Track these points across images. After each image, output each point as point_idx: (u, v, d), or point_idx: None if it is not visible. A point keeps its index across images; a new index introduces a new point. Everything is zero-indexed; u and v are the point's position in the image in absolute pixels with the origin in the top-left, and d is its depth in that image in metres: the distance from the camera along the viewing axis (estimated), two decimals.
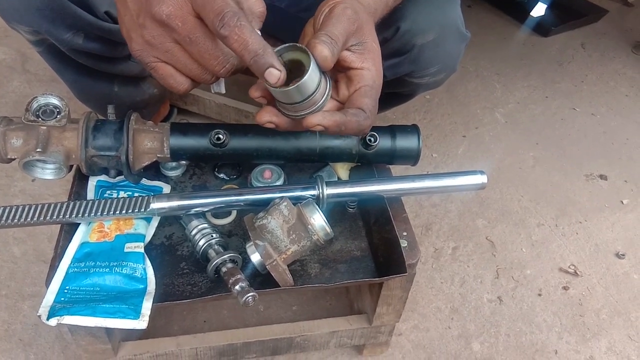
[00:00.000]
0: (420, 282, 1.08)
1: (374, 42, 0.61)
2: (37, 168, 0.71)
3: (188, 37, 0.52)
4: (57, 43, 0.81)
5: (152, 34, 0.53)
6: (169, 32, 0.53)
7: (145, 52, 0.55)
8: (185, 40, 0.53)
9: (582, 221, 1.24)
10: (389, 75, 0.89)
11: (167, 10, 0.51)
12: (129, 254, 0.70)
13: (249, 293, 0.63)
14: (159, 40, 0.53)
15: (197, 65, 0.55)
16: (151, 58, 0.55)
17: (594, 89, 1.66)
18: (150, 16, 0.52)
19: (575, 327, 1.04)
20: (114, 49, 0.86)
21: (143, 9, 0.52)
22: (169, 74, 0.56)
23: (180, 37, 0.53)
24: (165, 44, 0.53)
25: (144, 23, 0.53)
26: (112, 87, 0.98)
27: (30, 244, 1.07)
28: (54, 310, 0.63)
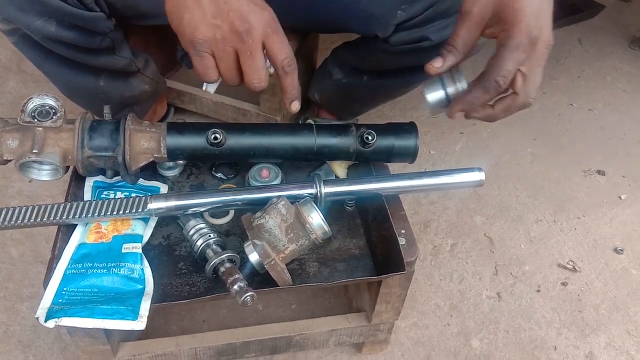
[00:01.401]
0: (419, 280, 1.08)
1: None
2: (34, 169, 0.70)
3: (250, 52, 0.62)
4: (28, 31, 0.79)
5: (222, 35, 0.61)
6: (237, 41, 0.61)
7: (206, 44, 0.61)
8: (246, 53, 0.62)
9: (580, 217, 1.24)
10: (435, 39, 0.89)
11: (247, 27, 0.60)
12: (126, 255, 0.70)
13: (247, 293, 0.63)
14: (224, 42, 0.61)
15: (237, 72, 0.64)
16: (206, 49, 0.62)
17: (591, 84, 1.66)
18: (230, 24, 0.60)
19: (574, 322, 1.04)
20: (90, 39, 0.83)
21: (224, 16, 0.60)
22: (210, 65, 0.63)
23: (243, 49, 0.62)
24: (227, 47, 0.62)
25: (220, 25, 0.60)
26: (98, 81, 0.95)
27: (28, 245, 1.06)
28: (51, 312, 0.63)
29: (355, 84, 1.14)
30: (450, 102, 0.67)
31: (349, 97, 1.20)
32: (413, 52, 0.95)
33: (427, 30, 0.90)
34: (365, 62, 1.06)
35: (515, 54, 0.61)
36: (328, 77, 1.17)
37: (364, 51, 1.05)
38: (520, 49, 0.61)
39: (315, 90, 1.24)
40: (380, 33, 0.92)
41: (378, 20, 0.91)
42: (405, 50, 0.94)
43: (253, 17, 0.61)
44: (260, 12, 0.62)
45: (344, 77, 1.14)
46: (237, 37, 0.61)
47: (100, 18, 0.81)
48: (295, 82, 0.67)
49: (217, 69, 0.64)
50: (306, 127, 0.78)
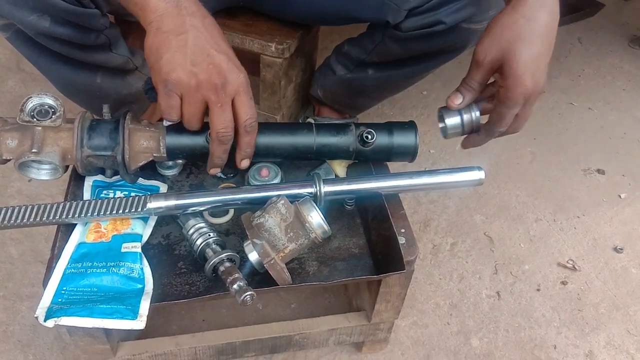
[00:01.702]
0: (418, 279, 1.08)
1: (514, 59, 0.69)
2: (33, 169, 0.70)
3: (221, 104, 0.66)
4: (22, 27, 0.79)
5: (197, 84, 0.64)
6: (211, 92, 0.65)
7: (177, 87, 0.64)
8: (216, 105, 0.66)
9: (580, 216, 1.24)
10: (449, 22, 0.91)
11: (223, 82, 0.65)
12: (126, 254, 0.70)
13: (247, 292, 0.63)
14: (196, 90, 0.64)
15: (200, 119, 0.68)
16: (176, 90, 0.64)
17: (591, 83, 1.66)
18: (208, 75, 0.63)
19: (574, 321, 1.04)
20: (85, 35, 0.82)
21: (203, 66, 0.63)
22: (175, 106, 0.66)
23: (213, 100, 0.65)
24: (197, 95, 0.65)
25: (197, 74, 0.63)
26: (95, 78, 0.94)
27: (27, 245, 1.06)
28: (51, 311, 0.63)
29: (360, 79, 1.13)
30: (463, 127, 0.77)
31: (354, 92, 1.19)
32: (425, 37, 0.94)
33: (440, 14, 0.90)
34: (372, 53, 1.05)
35: (512, 110, 0.71)
36: (331, 73, 1.16)
37: (372, 42, 1.03)
38: (516, 107, 0.71)
39: (319, 87, 1.24)
40: (392, 19, 0.92)
41: (389, 6, 0.90)
42: (417, 36, 0.94)
43: (230, 75, 0.65)
44: (237, 72, 0.66)
45: (348, 72, 1.13)
46: (212, 88, 0.64)
47: (94, 15, 0.80)
48: (253, 142, 0.72)
49: (180, 111, 0.66)
50: (306, 126, 0.78)
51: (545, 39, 0.69)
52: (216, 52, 0.64)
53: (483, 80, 0.73)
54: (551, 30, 0.70)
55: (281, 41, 1.10)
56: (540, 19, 0.68)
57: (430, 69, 1.11)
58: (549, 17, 0.69)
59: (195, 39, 0.63)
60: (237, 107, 0.67)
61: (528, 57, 0.68)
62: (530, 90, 0.69)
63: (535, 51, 0.69)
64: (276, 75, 1.15)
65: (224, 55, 0.65)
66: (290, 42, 1.10)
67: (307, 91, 1.31)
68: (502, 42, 0.69)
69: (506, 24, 0.69)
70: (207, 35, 0.64)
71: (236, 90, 0.66)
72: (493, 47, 0.69)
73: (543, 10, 0.68)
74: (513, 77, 0.69)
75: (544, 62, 0.70)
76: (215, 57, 0.64)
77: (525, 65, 0.68)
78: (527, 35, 0.68)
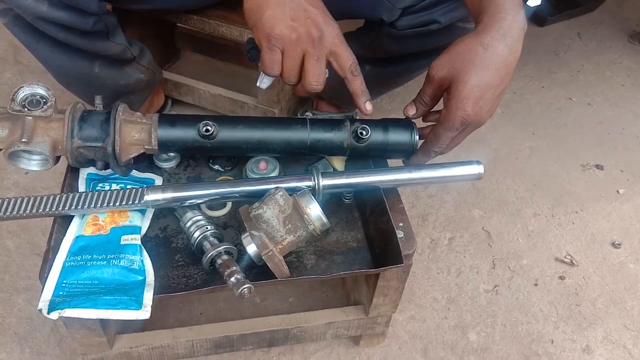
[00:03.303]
0: (416, 273, 1.08)
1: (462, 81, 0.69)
2: (23, 159, 0.69)
3: (317, 57, 0.71)
4: (20, 11, 0.79)
5: (298, 37, 0.69)
6: (309, 45, 0.70)
7: (280, 41, 0.69)
8: (313, 57, 0.70)
9: (578, 211, 1.24)
10: (443, 21, 0.91)
11: (321, 35, 0.70)
12: (125, 246, 0.70)
13: (244, 285, 0.63)
14: (297, 43, 0.69)
15: (298, 72, 0.72)
16: (279, 45, 0.69)
17: (590, 78, 1.66)
18: (306, 28, 0.69)
19: (572, 316, 1.04)
20: (82, 19, 0.82)
21: (302, 20, 0.69)
22: (278, 60, 0.71)
23: (311, 53, 0.70)
24: (298, 48, 0.70)
25: (297, 27, 0.69)
26: (92, 67, 0.94)
27: (24, 238, 1.06)
28: (54, 303, 0.62)
29: None
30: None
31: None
32: (419, 35, 0.94)
33: (434, 13, 0.90)
34: (368, 49, 1.05)
35: (449, 133, 0.72)
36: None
37: (368, 38, 1.04)
38: (452, 130, 0.72)
39: None
40: (386, 17, 0.92)
41: (384, 4, 0.91)
42: (412, 34, 0.94)
43: (326, 28, 0.70)
44: (332, 24, 0.71)
45: None
46: (310, 41, 0.69)
47: None
48: (364, 84, 0.76)
49: (282, 66, 0.71)
50: (300, 121, 0.77)
51: (498, 71, 0.69)
52: (312, 7, 0.69)
53: (433, 95, 0.74)
54: (507, 64, 0.69)
55: None
56: (498, 50, 0.68)
57: (425, 67, 1.10)
58: (507, 51, 0.68)
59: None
60: (337, 57, 0.72)
61: (475, 83, 0.68)
62: (470, 117, 0.69)
63: (485, 80, 0.68)
64: None
65: (319, 10, 0.70)
66: None
67: None
68: (456, 63, 0.69)
69: (464, 47, 0.69)
70: None
71: (332, 42, 0.71)
72: (446, 65, 0.70)
73: (503, 42, 0.68)
74: (456, 100, 0.69)
75: (491, 93, 0.69)
76: (312, 12, 0.69)
77: (470, 90, 0.68)
78: (480, 63, 0.68)
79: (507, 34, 0.68)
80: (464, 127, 0.71)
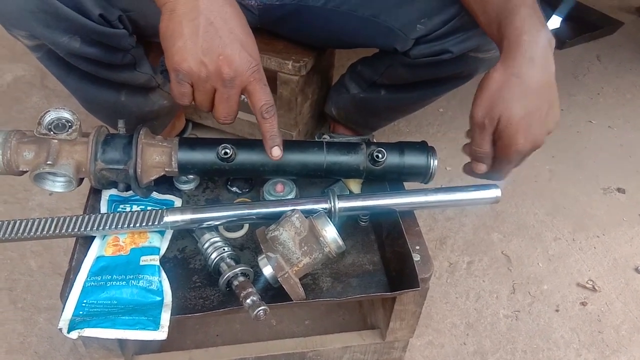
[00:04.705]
0: (434, 297, 1.07)
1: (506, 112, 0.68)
2: (48, 180, 0.71)
3: (227, 96, 0.65)
4: (53, 47, 0.82)
5: (207, 75, 0.63)
6: (218, 84, 0.64)
7: (188, 77, 0.64)
8: (223, 96, 0.65)
9: (599, 235, 1.22)
10: (455, 51, 0.92)
11: (232, 75, 0.63)
12: (144, 267, 0.71)
13: (260, 307, 0.63)
14: (206, 81, 0.64)
15: (211, 102, 0.67)
16: (187, 80, 0.64)
17: (610, 101, 1.64)
18: (217, 67, 0.62)
19: (594, 343, 1.01)
20: (112, 55, 0.86)
21: (213, 57, 0.62)
22: (186, 93, 0.66)
23: (221, 91, 0.65)
24: (206, 85, 0.64)
25: (207, 65, 0.62)
26: (119, 96, 0.97)
27: (46, 257, 1.08)
28: (74, 323, 0.63)
29: (372, 99, 1.14)
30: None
31: (366, 112, 1.21)
32: (433, 64, 0.95)
33: (447, 43, 0.91)
34: (383, 76, 1.07)
35: (508, 167, 0.74)
36: (345, 92, 1.18)
37: (383, 65, 1.06)
38: (511, 163, 0.73)
39: (332, 105, 1.25)
40: (400, 47, 0.93)
41: (397, 35, 0.92)
42: (425, 63, 0.95)
43: (241, 66, 0.63)
44: (248, 62, 0.64)
45: (361, 91, 1.15)
46: (220, 80, 0.63)
47: (123, 35, 0.84)
48: (275, 127, 0.70)
49: (193, 96, 0.67)
50: (316, 144, 0.78)
51: (538, 95, 0.68)
52: (229, 40, 0.62)
53: (490, 139, 0.72)
54: (545, 85, 0.68)
55: (298, 59, 1.11)
56: (530, 74, 0.67)
57: (439, 94, 1.13)
58: (541, 73, 0.68)
59: (207, 25, 0.61)
60: (249, 95, 0.67)
61: (521, 115, 0.67)
62: (525, 147, 0.69)
63: (529, 109, 0.68)
64: (293, 92, 1.17)
65: (237, 44, 0.63)
66: (306, 60, 1.12)
67: (323, 108, 1.32)
68: (497, 102, 0.68)
69: (498, 84, 0.68)
70: (220, 20, 0.62)
71: (246, 80, 0.65)
72: (487, 107, 0.69)
73: (532, 66, 0.67)
74: (507, 137, 0.69)
75: (538, 117, 0.69)
76: (227, 47, 0.62)
77: (518, 124, 0.68)
78: (519, 94, 0.67)
79: (534, 55, 0.67)
80: (521, 157, 0.72)
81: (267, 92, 0.67)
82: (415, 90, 1.09)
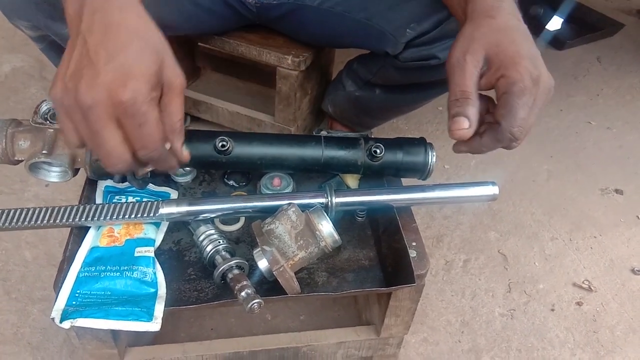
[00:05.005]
0: (430, 295, 1.07)
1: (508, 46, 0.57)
2: (43, 170, 0.71)
3: (93, 130, 0.49)
4: (57, 38, 0.82)
5: (69, 103, 0.49)
6: (78, 114, 0.49)
7: (57, 105, 0.50)
8: (89, 129, 0.49)
9: (596, 236, 1.22)
10: (442, 57, 0.93)
11: (90, 104, 0.47)
12: (139, 258, 0.70)
13: (254, 300, 0.63)
14: (72, 111, 0.49)
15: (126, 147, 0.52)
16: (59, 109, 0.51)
17: (610, 102, 1.64)
18: (75, 92, 0.48)
19: (589, 343, 1.01)
20: None
21: (76, 78, 0.48)
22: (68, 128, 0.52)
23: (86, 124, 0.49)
24: (76, 115, 0.49)
25: (70, 89, 0.48)
26: None
27: (41, 249, 1.07)
28: (66, 313, 0.63)
29: (367, 97, 1.15)
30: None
31: (360, 110, 1.22)
32: (422, 69, 0.97)
33: (434, 49, 0.93)
34: (377, 75, 1.09)
35: (524, 99, 0.56)
36: (342, 88, 1.19)
37: (376, 65, 1.07)
38: (526, 94, 0.56)
39: (329, 102, 1.26)
40: (391, 50, 0.95)
41: (388, 38, 0.94)
42: (414, 67, 0.96)
43: (97, 91, 0.47)
44: (122, 91, 0.47)
45: (356, 89, 1.16)
46: (81, 119, 0.49)
47: None
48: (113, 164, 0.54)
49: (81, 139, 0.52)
50: (314, 139, 0.78)
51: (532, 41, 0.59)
52: (104, 62, 0.48)
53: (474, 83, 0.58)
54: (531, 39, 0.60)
55: (297, 54, 1.11)
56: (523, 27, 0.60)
57: (431, 97, 1.15)
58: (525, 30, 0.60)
59: (83, 44, 0.49)
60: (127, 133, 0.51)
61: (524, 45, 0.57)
62: (535, 72, 0.56)
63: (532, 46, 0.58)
64: (292, 87, 1.16)
65: (110, 66, 0.48)
66: (306, 55, 1.12)
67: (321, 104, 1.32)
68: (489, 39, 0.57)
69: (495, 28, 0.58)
70: (99, 36, 0.49)
71: (112, 113, 0.49)
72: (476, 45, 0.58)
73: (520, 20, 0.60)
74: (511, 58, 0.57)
75: (538, 53, 0.58)
76: (99, 63, 0.48)
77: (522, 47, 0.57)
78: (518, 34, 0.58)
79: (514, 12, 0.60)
80: (535, 86, 0.56)
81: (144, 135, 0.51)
82: (409, 92, 1.10)
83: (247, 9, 1.05)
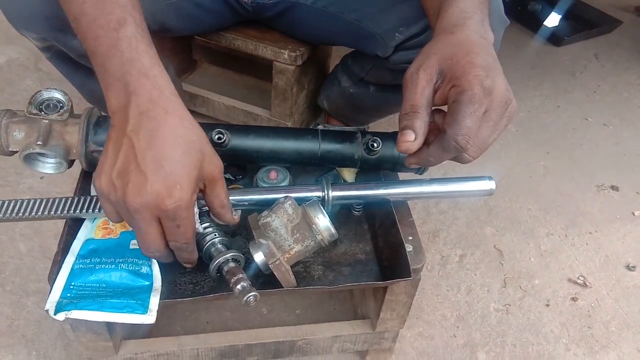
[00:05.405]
0: (426, 289, 1.07)
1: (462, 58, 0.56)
2: (38, 161, 0.70)
3: (139, 229, 0.56)
4: (65, 49, 0.82)
5: (116, 200, 0.55)
6: (125, 215, 0.56)
7: (102, 196, 0.56)
8: (134, 228, 0.57)
9: (592, 232, 1.22)
10: None
11: (137, 208, 0.54)
12: (134, 251, 0.70)
13: (250, 293, 0.63)
14: (118, 205, 0.56)
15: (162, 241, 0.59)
16: (103, 199, 0.57)
17: (606, 99, 1.64)
18: (123, 195, 0.54)
19: (584, 339, 1.02)
20: None
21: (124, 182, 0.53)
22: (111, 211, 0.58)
23: (131, 223, 0.57)
24: (122, 209, 0.56)
25: (117, 189, 0.54)
26: None
27: (36, 241, 1.07)
28: (61, 305, 0.63)
29: (362, 94, 1.16)
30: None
31: (354, 107, 1.22)
32: None
33: None
34: (369, 74, 1.11)
35: (471, 107, 0.53)
36: (337, 84, 1.19)
37: (369, 64, 1.09)
38: (475, 102, 0.53)
39: (324, 97, 1.26)
40: (381, 53, 0.97)
41: (378, 41, 0.95)
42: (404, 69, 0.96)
43: (145, 198, 0.53)
44: (161, 198, 0.53)
45: (351, 85, 1.17)
46: (125, 211, 0.55)
47: None
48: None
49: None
50: (311, 132, 0.77)
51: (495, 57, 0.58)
52: (151, 170, 0.53)
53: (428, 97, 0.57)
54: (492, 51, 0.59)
55: (294, 48, 1.11)
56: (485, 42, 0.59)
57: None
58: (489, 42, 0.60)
59: (129, 146, 0.54)
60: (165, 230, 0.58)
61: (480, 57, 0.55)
62: (488, 82, 0.54)
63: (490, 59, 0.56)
64: (288, 82, 1.16)
65: (157, 175, 0.53)
66: (303, 50, 1.11)
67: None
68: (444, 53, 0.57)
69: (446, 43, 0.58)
70: (146, 142, 0.53)
71: (156, 215, 0.55)
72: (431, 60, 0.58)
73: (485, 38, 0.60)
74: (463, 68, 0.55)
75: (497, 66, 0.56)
76: (140, 176, 0.53)
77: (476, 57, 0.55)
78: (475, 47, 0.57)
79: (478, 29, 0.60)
80: (487, 96, 0.54)
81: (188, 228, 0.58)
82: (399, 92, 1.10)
83: (243, 8, 1.06)
